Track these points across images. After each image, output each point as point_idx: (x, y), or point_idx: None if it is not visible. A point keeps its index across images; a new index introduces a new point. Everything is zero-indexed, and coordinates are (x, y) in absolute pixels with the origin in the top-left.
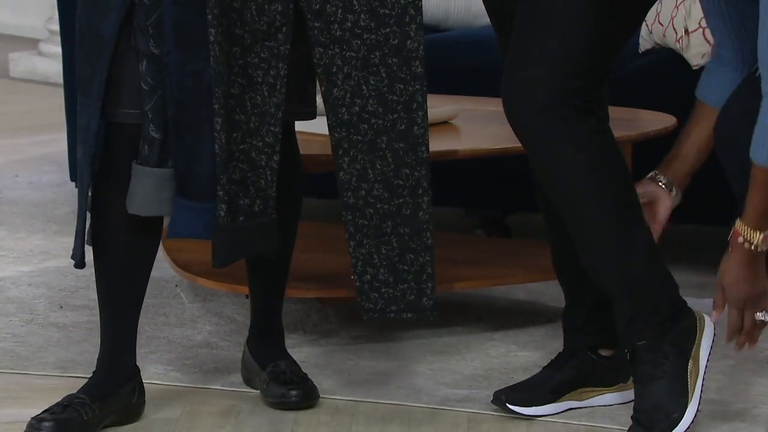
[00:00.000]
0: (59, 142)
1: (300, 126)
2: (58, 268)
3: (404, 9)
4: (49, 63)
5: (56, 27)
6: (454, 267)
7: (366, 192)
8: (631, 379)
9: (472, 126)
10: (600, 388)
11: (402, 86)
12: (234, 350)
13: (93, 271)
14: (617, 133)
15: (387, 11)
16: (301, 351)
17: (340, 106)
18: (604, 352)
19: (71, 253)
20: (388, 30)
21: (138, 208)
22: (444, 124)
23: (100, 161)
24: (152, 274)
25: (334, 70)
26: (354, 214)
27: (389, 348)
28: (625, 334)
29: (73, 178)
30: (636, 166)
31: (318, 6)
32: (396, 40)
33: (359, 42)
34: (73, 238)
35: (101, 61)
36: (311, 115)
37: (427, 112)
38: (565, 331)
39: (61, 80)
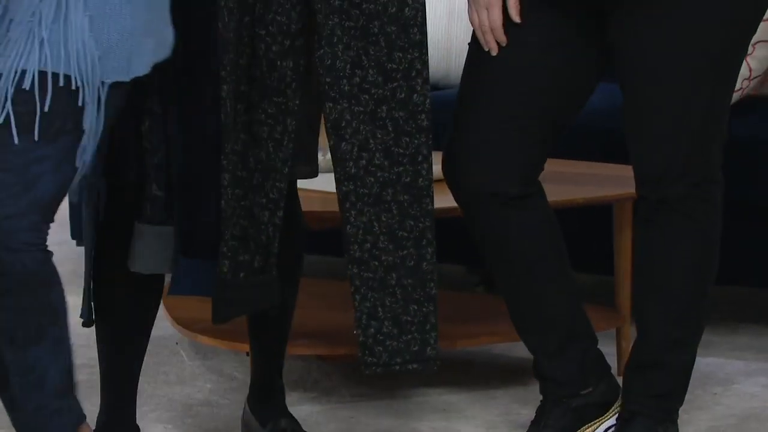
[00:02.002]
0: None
1: (301, 182)
2: None
3: (411, 64)
4: None
5: None
6: (456, 324)
7: (371, 245)
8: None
9: None
10: (593, 422)
11: (408, 139)
12: (234, 408)
13: (92, 329)
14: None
15: (394, 66)
16: (302, 408)
17: (348, 159)
18: (583, 392)
19: (78, 312)
20: (395, 84)
21: (141, 266)
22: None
23: (103, 220)
24: (152, 332)
25: (343, 124)
26: (360, 267)
27: (390, 406)
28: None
29: (74, 236)
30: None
31: (329, 61)
32: (403, 94)
33: (367, 97)
34: (73, 297)
35: None
36: (314, 173)
37: (432, 165)
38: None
39: None
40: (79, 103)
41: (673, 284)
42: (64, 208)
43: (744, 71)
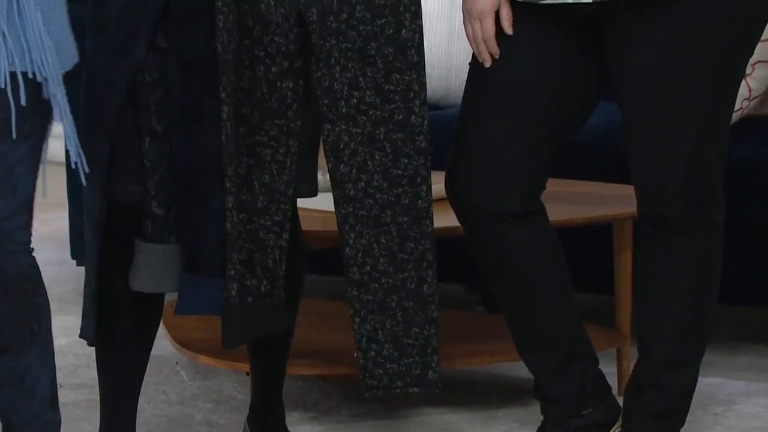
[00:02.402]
0: (60, 221)
1: (301, 202)
2: (58, 347)
3: (409, 85)
4: (53, 142)
5: None
6: (456, 344)
7: (371, 267)
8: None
9: None
10: None
11: (406, 161)
12: (234, 428)
13: (92, 349)
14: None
15: (392, 87)
16: (302, 429)
17: (347, 181)
18: (584, 412)
19: (77, 332)
20: (393, 106)
21: (142, 285)
22: (445, 200)
23: (104, 238)
24: (152, 351)
25: (341, 146)
26: (359, 289)
27: (390, 426)
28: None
29: (74, 256)
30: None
31: (327, 83)
32: (401, 116)
33: (365, 118)
34: (73, 317)
35: (104, 139)
36: (313, 192)
37: (431, 186)
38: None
39: (63, 159)
40: (45, 96)
41: (674, 304)
42: (64, 227)
43: (743, 91)
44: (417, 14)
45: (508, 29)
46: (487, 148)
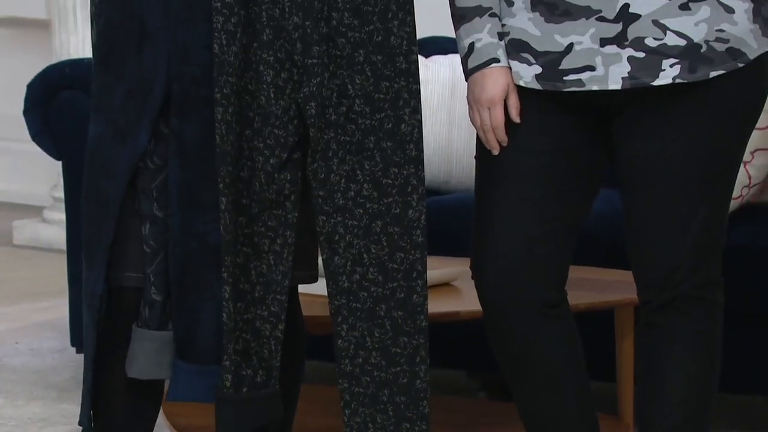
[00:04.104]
0: (61, 308)
1: (302, 287)
2: None
3: (407, 180)
4: (53, 230)
5: (61, 194)
6: (457, 431)
7: (363, 360)
8: None
9: (474, 288)
10: None
11: (402, 255)
12: None
13: None
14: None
15: (390, 181)
16: None
17: (341, 274)
18: None
19: (76, 419)
20: (390, 199)
21: (138, 372)
22: (445, 285)
23: (103, 324)
24: None
25: (336, 238)
26: (350, 382)
27: None
28: None
29: (74, 343)
30: None
31: (323, 175)
32: (398, 210)
33: (361, 211)
34: (72, 405)
35: (106, 225)
36: (313, 278)
37: (426, 282)
38: None
39: (64, 246)
40: None
41: (678, 388)
42: (63, 315)
43: (743, 179)
44: (416, 109)
45: (516, 117)
46: (516, 239)
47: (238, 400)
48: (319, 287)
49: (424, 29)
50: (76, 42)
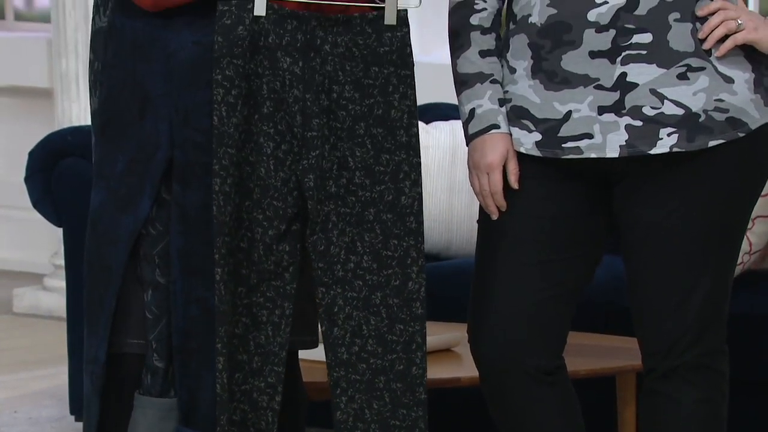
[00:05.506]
0: (60, 376)
1: (303, 353)
2: None
3: (407, 252)
4: (54, 297)
5: (61, 261)
6: None
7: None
8: None
9: None
10: None
11: (402, 327)
12: None
13: None
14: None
15: (389, 253)
16: None
17: (340, 345)
18: None
19: None
20: (390, 271)
21: None
22: (446, 351)
23: (104, 391)
24: None
25: (335, 309)
26: None
27: None
28: None
29: (73, 411)
30: None
31: (323, 247)
32: (397, 282)
33: (361, 283)
34: None
35: (109, 292)
36: (314, 343)
37: (425, 353)
38: None
39: (64, 314)
40: None
41: None
42: (62, 383)
43: (744, 246)
44: (417, 182)
45: (515, 183)
46: (516, 305)
47: None
48: (320, 353)
49: (425, 96)
50: (78, 110)
